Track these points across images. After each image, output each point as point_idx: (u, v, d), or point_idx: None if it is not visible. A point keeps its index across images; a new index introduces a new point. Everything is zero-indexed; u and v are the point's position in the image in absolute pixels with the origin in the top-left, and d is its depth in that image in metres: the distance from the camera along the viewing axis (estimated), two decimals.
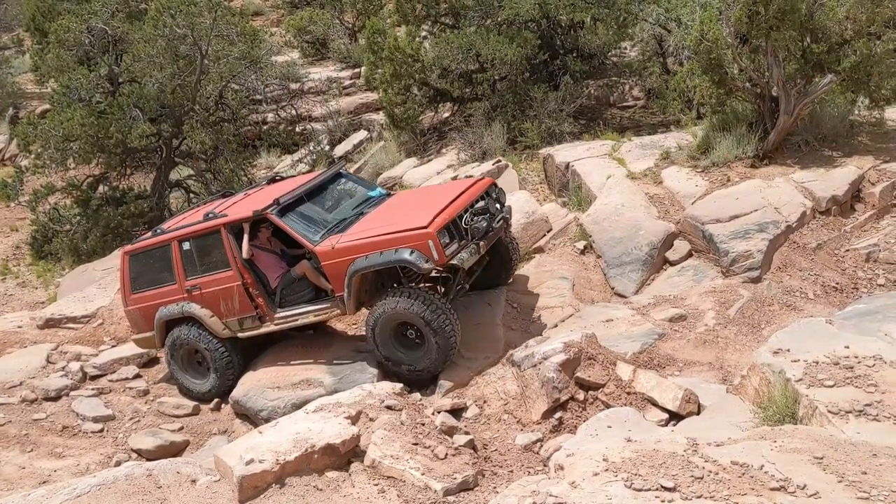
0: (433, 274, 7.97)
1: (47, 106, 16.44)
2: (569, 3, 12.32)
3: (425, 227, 7.11)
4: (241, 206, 8.25)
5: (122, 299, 8.73)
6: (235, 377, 8.20)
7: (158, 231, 8.56)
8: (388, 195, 8.82)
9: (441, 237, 7.10)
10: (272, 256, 8.28)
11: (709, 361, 6.96)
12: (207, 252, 8.08)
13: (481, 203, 7.71)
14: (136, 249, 8.57)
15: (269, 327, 8.05)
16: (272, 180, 8.93)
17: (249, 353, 8.41)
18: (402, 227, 7.28)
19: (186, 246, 8.15)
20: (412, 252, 7.07)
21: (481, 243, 7.47)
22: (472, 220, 7.51)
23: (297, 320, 7.93)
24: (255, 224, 8.04)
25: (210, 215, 8.11)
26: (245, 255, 7.84)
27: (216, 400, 8.33)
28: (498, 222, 7.78)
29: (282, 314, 7.97)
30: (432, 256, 7.03)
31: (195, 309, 8.14)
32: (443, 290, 8.09)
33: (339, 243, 7.45)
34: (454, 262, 7.23)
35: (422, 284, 8.00)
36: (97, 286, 11.00)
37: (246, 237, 7.86)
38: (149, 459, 6.73)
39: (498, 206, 7.99)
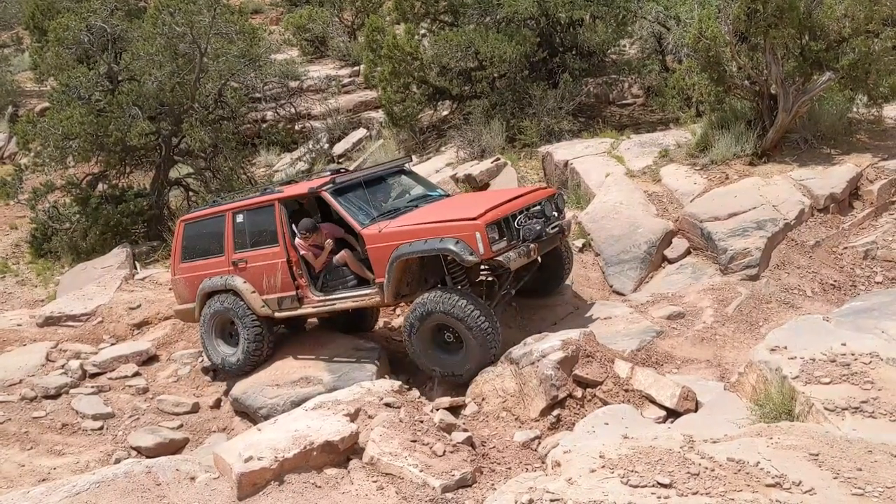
0: (479, 277, 7.85)
1: (46, 104, 16.44)
2: (568, 1, 12.34)
3: (474, 219, 6.96)
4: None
5: (171, 267, 8.89)
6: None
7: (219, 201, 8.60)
8: (447, 195, 8.72)
9: (489, 231, 6.89)
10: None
11: (707, 359, 6.98)
12: (259, 226, 8.10)
13: (538, 207, 7.53)
14: (193, 218, 8.73)
15: (306, 309, 8.01)
16: (336, 172, 8.63)
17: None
18: (451, 217, 7.16)
19: (240, 218, 8.23)
20: (457, 242, 6.89)
21: (532, 246, 7.21)
22: (525, 221, 7.31)
23: (335, 304, 7.84)
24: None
25: (267, 190, 8.18)
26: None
27: (216, 397, 8.35)
28: (553, 228, 7.56)
29: (321, 297, 7.91)
30: (477, 249, 6.83)
31: (238, 282, 8.18)
32: (487, 293, 7.85)
33: (385, 228, 7.35)
34: (500, 259, 6.98)
35: (466, 286, 7.63)
36: (96, 284, 11.02)
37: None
38: (148, 457, 6.74)
39: (556, 213, 7.78)
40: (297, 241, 7.92)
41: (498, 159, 11.54)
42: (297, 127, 16.74)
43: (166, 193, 14.15)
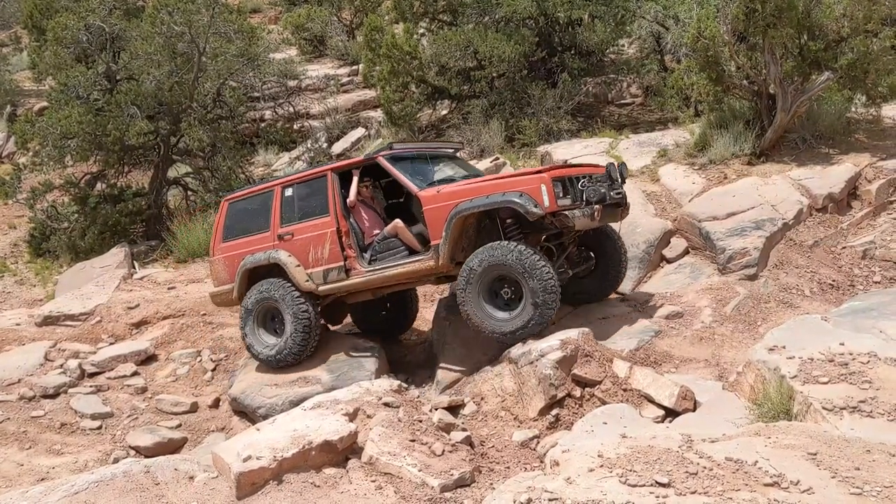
0: (538, 244, 7.49)
1: (45, 103, 16.44)
2: (566, 1, 12.34)
3: (539, 172, 6.85)
4: None
5: (211, 249, 8.72)
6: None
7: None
8: None
9: (555, 187, 6.73)
10: (372, 213, 8.16)
11: (705, 358, 6.98)
12: (309, 198, 7.97)
13: (604, 171, 7.43)
14: (237, 196, 8.61)
15: (354, 280, 7.74)
16: (391, 147, 8.35)
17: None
18: (519, 173, 7.02)
19: (289, 192, 8.11)
20: (521, 195, 6.73)
21: (596, 208, 6.99)
22: (588, 183, 7.13)
23: (384, 272, 7.59)
24: (361, 177, 7.95)
25: (319, 162, 8.06)
26: (351, 198, 7.76)
27: (215, 397, 8.35)
28: (616, 193, 7.37)
29: (370, 268, 7.69)
30: (542, 202, 6.65)
31: (282, 255, 7.96)
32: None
33: (444, 189, 7.27)
34: (566, 214, 6.84)
35: None
36: (95, 284, 11.02)
37: (355, 180, 7.80)
38: (147, 456, 6.74)
39: (620, 180, 7.57)
40: (350, 198, 7.78)
41: (497, 159, 11.55)
42: (295, 126, 16.74)
43: (165, 193, 14.13)
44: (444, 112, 14.77)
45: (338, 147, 15.66)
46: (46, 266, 13.13)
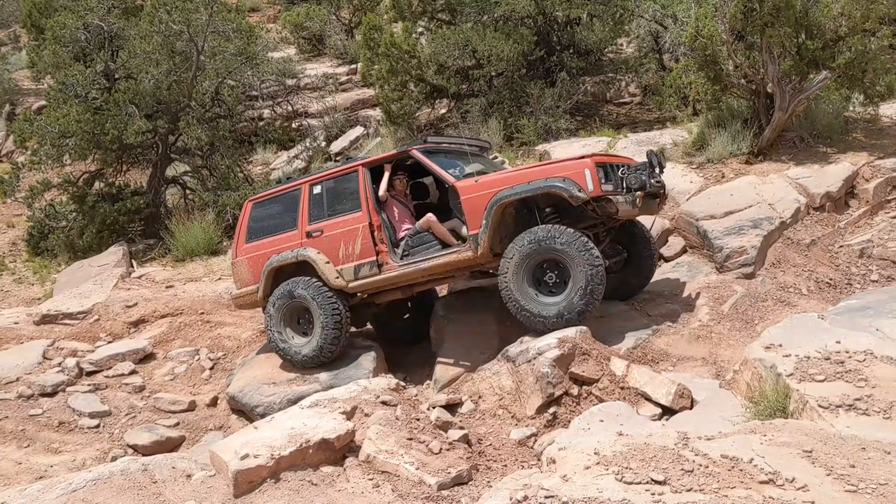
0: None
1: (43, 102, 16.39)
2: (565, 0, 12.34)
3: (582, 159, 6.82)
4: None
5: (233, 251, 8.58)
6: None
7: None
8: None
9: (598, 172, 6.69)
10: (404, 209, 8.11)
11: (702, 357, 6.99)
12: (339, 194, 7.90)
13: (644, 159, 7.37)
14: (261, 197, 8.49)
15: (387, 274, 7.62)
16: (425, 140, 8.25)
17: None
18: (560, 160, 6.93)
19: (317, 189, 8.02)
20: (564, 180, 6.69)
21: (637, 195, 6.98)
22: (628, 171, 7.09)
23: (419, 265, 7.48)
24: (392, 172, 7.91)
25: (349, 159, 8.10)
26: (382, 192, 7.72)
27: (213, 395, 8.35)
28: (657, 182, 7.34)
29: (404, 262, 7.58)
30: (586, 186, 6.60)
31: (310, 253, 7.84)
32: None
33: (482, 178, 7.21)
34: (610, 199, 6.79)
35: None
36: (93, 282, 11.01)
37: (387, 174, 7.77)
38: (144, 455, 6.74)
39: (658, 169, 7.49)
40: (381, 192, 7.73)
41: (496, 157, 11.54)
42: (294, 125, 16.72)
43: (163, 191, 14.12)
44: (443, 111, 14.77)
45: (336, 146, 15.67)
46: (44, 265, 13.12)
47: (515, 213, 7.25)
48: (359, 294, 8.01)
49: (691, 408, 5.97)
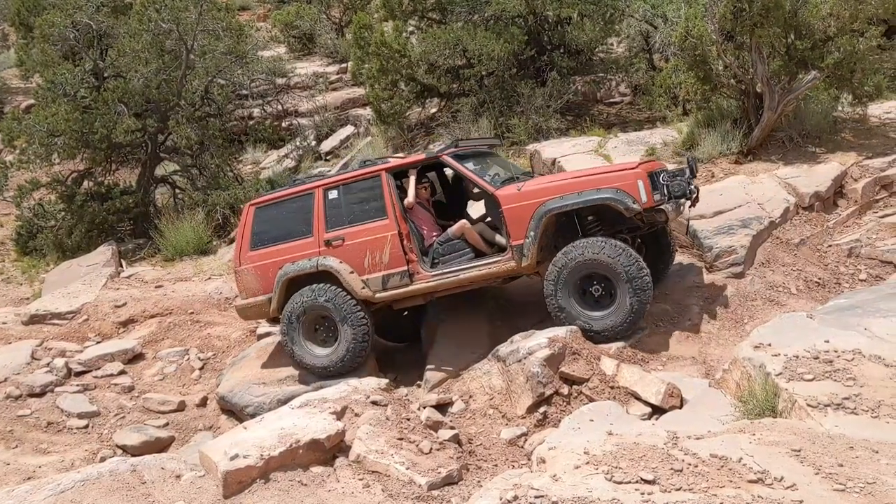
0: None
1: (32, 101, 16.31)
2: (555, 0, 12.35)
3: (634, 168, 6.76)
4: None
5: (236, 258, 8.08)
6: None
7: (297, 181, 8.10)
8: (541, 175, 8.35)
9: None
10: (429, 216, 7.90)
11: (692, 356, 7.02)
12: (360, 201, 7.53)
13: (683, 165, 7.34)
14: (265, 201, 7.99)
15: (420, 284, 7.35)
16: (455, 144, 8.01)
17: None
18: (607, 168, 6.83)
19: (333, 195, 7.60)
20: (617, 191, 6.62)
21: (682, 201, 7.00)
22: (668, 178, 7.08)
23: (457, 276, 7.24)
24: (417, 178, 7.66)
25: (369, 162, 7.81)
26: (411, 199, 7.41)
27: (202, 396, 8.31)
28: (693, 187, 7.27)
29: (436, 271, 7.34)
30: (639, 197, 6.55)
31: (332, 262, 7.47)
32: None
33: (525, 187, 7.01)
34: (662, 209, 6.80)
35: None
36: (82, 282, 10.95)
37: (413, 180, 7.46)
38: (134, 455, 6.71)
39: (691, 173, 7.44)
40: (409, 199, 7.42)
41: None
42: (284, 124, 16.70)
43: (152, 191, 14.06)
44: (434, 110, 14.75)
45: (326, 145, 15.65)
46: (33, 264, 13.05)
47: (555, 226, 7.14)
48: (385, 301, 7.69)
49: (681, 407, 5.99)
